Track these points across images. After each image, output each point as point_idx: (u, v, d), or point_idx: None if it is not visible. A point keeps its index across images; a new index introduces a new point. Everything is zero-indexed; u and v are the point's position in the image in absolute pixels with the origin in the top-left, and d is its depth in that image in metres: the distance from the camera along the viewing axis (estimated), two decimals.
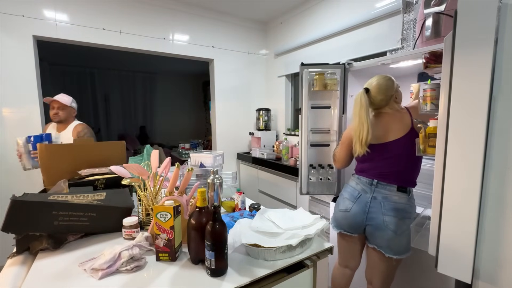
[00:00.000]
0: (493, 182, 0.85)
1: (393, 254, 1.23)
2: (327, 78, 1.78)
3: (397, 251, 1.23)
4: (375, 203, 1.27)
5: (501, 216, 0.84)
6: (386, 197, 1.26)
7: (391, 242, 1.23)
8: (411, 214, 1.26)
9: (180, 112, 6.21)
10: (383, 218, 1.24)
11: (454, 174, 0.90)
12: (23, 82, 2.17)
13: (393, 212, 1.23)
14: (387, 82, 1.31)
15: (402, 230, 1.22)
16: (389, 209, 1.24)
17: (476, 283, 0.91)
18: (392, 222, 1.22)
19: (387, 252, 1.24)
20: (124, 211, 1.06)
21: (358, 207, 1.31)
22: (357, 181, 1.37)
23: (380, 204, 1.26)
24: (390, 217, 1.23)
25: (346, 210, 1.35)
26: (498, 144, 0.83)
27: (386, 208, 1.24)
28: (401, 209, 1.23)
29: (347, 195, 1.38)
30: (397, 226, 1.21)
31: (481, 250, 0.89)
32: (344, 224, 1.37)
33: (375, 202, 1.27)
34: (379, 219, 1.25)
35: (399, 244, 1.23)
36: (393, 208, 1.24)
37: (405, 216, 1.23)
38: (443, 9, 1.33)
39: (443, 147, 0.93)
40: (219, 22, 3.12)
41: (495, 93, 0.82)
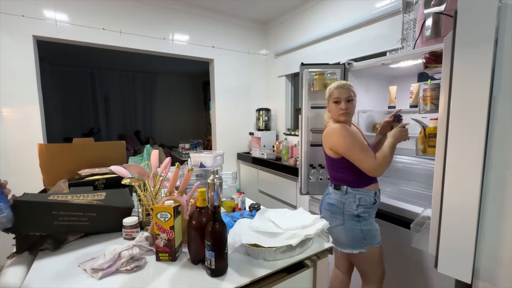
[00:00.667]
0: (493, 182, 0.85)
1: (338, 247, 1.36)
2: (327, 78, 1.78)
3: (340, 244, 1.36)
4: (324, 199, 1.46)
5: (501, 216, 0.84)
6: (327, 194, 1.44)
7: (331, 234, 1.39)
8: (343, 210, 1.33)
9: (180, 112, 6.21)
10: (322, 212, 1.43)
11: (454, 174, 0.90)
12: (23, 82, 2.17)
13: (327, 205, 1.40)
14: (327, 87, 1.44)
15: (335, 224, 1.34)
16: (325, 203, 1.42)
17: (476, 283, 0.91)
18: (326, 215, 1.38)
19: (334, 244, 1.36)
20: (124, 211, 1.06)
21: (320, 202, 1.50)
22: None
23: (322, 200, 1.47)
24: (325, 211, 1.40)
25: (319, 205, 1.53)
26: (498, 144, 0.83)
27: (324, 203, 1.43)
28: (332, 204, 1.37)
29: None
30: (330, 219, 1.33)
31: (481, 250, 0.89)
32: None
33: (325, 197, 1.45)
34: (322, 212, 1.42)
35: (338, 237, 1.35)
36: (327, 202, 1.40)
37: (336, 211, 1.35)
38: (443, 9, 1.33)
39: (443, 147, 0.93)
40: (219, 22, 3.12)
41: (495, 93, 0.82)
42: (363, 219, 1.30)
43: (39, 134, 2.26)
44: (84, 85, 5.10)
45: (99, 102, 5.28)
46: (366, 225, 1.30)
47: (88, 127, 5.25)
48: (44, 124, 2.33)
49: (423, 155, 1.29)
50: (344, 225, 1.31)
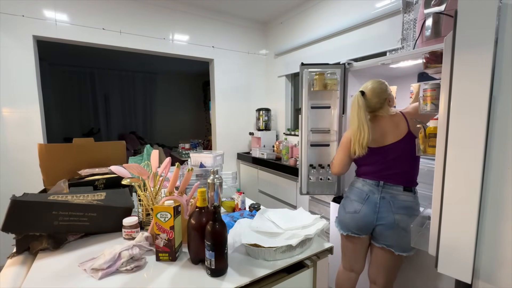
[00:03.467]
0: (493, 182, 0.85)
1: (402, 252, 1.27)
2: (327, 78, 1.78)
3: (405, 248, 1.27)
4: (384, 203, 1.29)
5: (501, 216, 0.84)
6: (394, 196, 1.29)
7: (400, 240, 1.26)
8: (418, 211, 1.30)
9: (180, 112, 6.21)
10: (393, 216, 1.26)
11: (454, 174, 0.90)
12: (23, 82, 2.17)
13: (403, 210, 1.27)
14: (381, 86, 1.36)
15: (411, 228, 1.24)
16: (398, 207, 1.27)
17: (476, 283, 0.91)
18: (403, 220, 1.25)
19: (396, 250, 1.27)
20: (124, 211, 1.06)
21: (367, 208, 1.32)
22: (363, 183, 1.38)
23: (390, 203, 1.28)
24: (401, 215, 1.26)
25: (355, 211, 1.35)
26: (498, 144, 0.83)
27: (396, 207, 1.27)
28: (410, 207, 1.27)
29: (354, 197, 1.38)
30: (407, 223, 1.24)
31: (481, 250, 0.89)
32: (352, 225, 1.37)
33: (384, 201, 1.30)
34: (390, 218, 1.27)
35: (407, 242, 1.24)
36: (402, 206, 1.27)
37: (414, 213, 1.27)
38: (443, 9, 1.33)
39: (443, 147, 0.93)
40: (219, 22, 3.12)
41: (495, 93, 0.82)
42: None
43: (39, 134, 2.26)
44: (84, 85, 5.10)
45: (99, 102, 5.28)
46: None
47: (88, 127, 5.25)
48: (44, 124, 2.33)
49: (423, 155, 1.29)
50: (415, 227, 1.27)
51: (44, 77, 2.55)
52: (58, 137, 4.70)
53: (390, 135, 1.32)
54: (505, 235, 0.84)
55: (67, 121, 5.02)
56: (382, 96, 1.35)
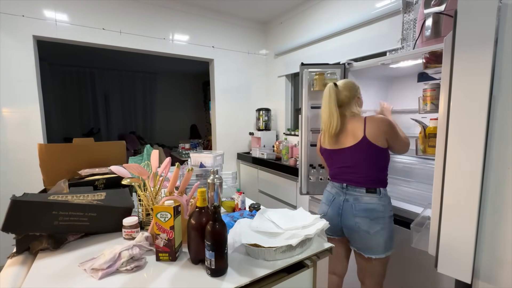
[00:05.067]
0: (493, 182, 0.85)
1: (372, 254, 1.26)
2: (327, 78, 1.78)
3: (374, 251, 1.26)
4: (347, 205, 1.30)
5: (501, 216, 0.84)
6: (357, 199, 1.28)
7: (367, 242, 1.26)
8: (384, 213, 1.26)
9: (180, 112, 6.21)
10: (354, 219, 1.27)
11: (454, 174, 0.90)
12: (23, 82, 2.17)
13: (364, 212, 1.25)
14: (353, 83, 1.39)
15: (376, 230, 1.24)
16: (359, 210, 1.26)
17: (476, 283, 0.91)
18: (363, 222, 1.24)
19: (365, 253, 1.27)
20: (124, 211, 1.06)
21: (332, 210, 1.35)
22: (331, 186, 1.42)
23: (352, 206, 1.28)
24: (361, 218, 1.25)
25: (323, 213, 1.39)
26: (498, 144, 0.83)
27: (356, 210, 1.27)
28: (372, 209, 1.25)
29: (324, 200, 1.43)
30: (369, 226, 1.24)
31: (481, 250, 0.89)
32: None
33: (347, 204, 1.30)
34: (351, 220, 1.28)
35: (375, 244, 1.25)
36: (363, 209, 1.26)
37: (377, 216, 1.25)
38: (443, 9, 1.33)
39: (443, 147, 0.93)
40: (219, 22, 3.12)
41: (495, 93, 0.82)
42: (392, 219, 1.29)
43: (39, 134, 2.26)
44: (84, 85, 5.10)
45: (99, 102, 5.28)
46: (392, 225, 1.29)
47: (88, 127, 5.24)
48: (44, 124, 2.33)
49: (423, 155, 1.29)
50: (384, 229, 1.25)
51: (44, 77, 2.55)
52: (58, 137, 4.70)
53: (349, 138, 1.31)
54: (505, 235, 0.84)
55: (67, 121, 5.02)
56: (353, 92, 1.36)
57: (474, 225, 0.87)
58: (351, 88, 1.36)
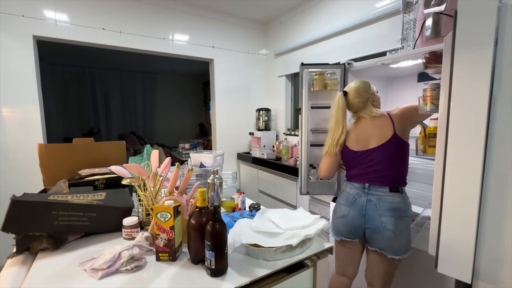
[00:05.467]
0: (493, 182, 0.85)
1: (395, 255, 1.24)
2: (327, 78, 1.78)
3: (398, 251, 1.24)
4: (370, 205, 1.28)
5: (501, 216, 0.84)
6: (380, 198, 1.27)
7: (391, 242, 1.23)
8: (407, 212, 1.26)
9: (180, 112, 6.21)
10: (380, 219, 1.25)
11: (454, 174, 0.90)
12: (23, 82, 2.17)
13: (389, 212, 1.24)
14: (364, 85, 1.37)
15: (401, 230, 1.22)
16: (384, 209, 1.25)
17: (476, 283, 0.91)
18: (390, 222, 1.23)
19: (388, 253, 1.24)
20: (124, 211, 1.06)
21: (354, 211, 1.32)
22: (350, 187, 1.39)
23: (376, 205, 1.27)
24: (387, 217, 1.23)
25: (343, 215, 1.35)
26: (498, 144, 0.83)
27: (382, 209, 1.25)
28: (397, 208, 1.24)
29: (343, 201, 1.39)
30: (395, 225, 1.22)
31: (481, 250, 0.89)
32: (343, 230, 1.37)
33: (370, 204, 1.28)
34: (377, 220, 1.25)
35: (399, 244, 1.23)
36: (388, 208, 1.24)
37: (402, 214, 1.24)
38: (443, 9, 1.33)
39: (443, 147, 0.93)
40: (219, 22, 3.12)
41: (495, 93, 0.82)
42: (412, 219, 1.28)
43: (39, 134, 2.26)
44: (84, 85, 5.10)
45: (99, 102, 5.28)
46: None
47: (88, 127, 5.24)
48: (44, 124, 2.33)
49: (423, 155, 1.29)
50: (408, 229, 1.24)
51: (44, 77, 2.55)
52: (58, 137, 4.70)
53: (374, 138, 1.30)
54: (505, 235, 0.84)
55: (67, 121, 5.02)
56: (365, 96, 1.35)
57: (474, 225, 0.87)
58: (362, 92, 1.35)
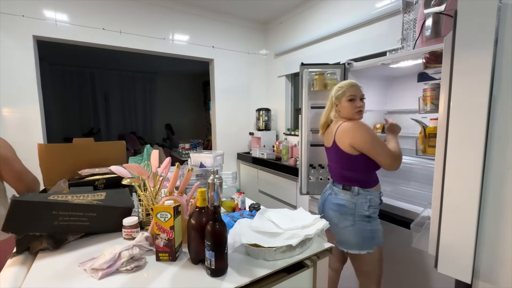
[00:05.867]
0: (493, 182, 0.85)
1: (345, 248, 1.33)
2: (327, 78, 1.78)
3: (347, 245, 1.32)
4: (328, 199, 1.42)
5: (501, 216, 0.84)
6: (335, 194, 1.39)
7: (339, 235, 1.35)
8: (354, 210, 1.30)
9: (180, 112, 6.21)
10: (328, 212, 1.39)
11: (454, 174, 0.90)
12: (23, 82, 2.17)
13: (335, 206, 1.35)
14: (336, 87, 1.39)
15: (345, 225, 1.31)
16: (332, 203, 1.37)
17: (476, 283, 0.91)
18: (334, 215, 1.34)
19: (341, 246, 1.35)
20: (124, 211, 1.06)
21: (320, 201, 1.49)
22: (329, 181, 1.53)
23: (330, 200, 1.40)
24: (332, 211, 1.36)
25: (318, 206, 1.53)
26: (498, 144, 0.83)
27: (331, 203, 1.38)
28: (342, 205, 1.33)
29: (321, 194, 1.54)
30: (338, 220, 1.32)
31: (481, 250, 0.89)
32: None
33: (329, 197, 1.41)
34: (326, 212, 1.39)
35: (346, 238, 1.32)
36: (335, 203, 1.36)
37: (346, 211, 1.31)
38: (443, 9, 1.33)
39: (443, 147, 0.93)
40: (219, 22, 3.12)
41: (495, 93, 0.82)
42: (373, 219, 1.31)
43: (39, 134, 2.25)
44: (84, 85, 5.10)
45: (99, 102, 5.28)
46: (375, 225, 1.31)
47: (88, 127, 5.24)
48: (44, 124, 2.33)
49: (423, 155, 1.29)
50: (354, 226, 1.29)
51: (44, 77, 2.55)
52: (58, 137, 4.70)
53: (329, 139, 1.41)
54: (505, 235, 0.84)
55: (67, 121, 5.02)
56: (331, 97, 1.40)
57: (474, 225, 0.87)
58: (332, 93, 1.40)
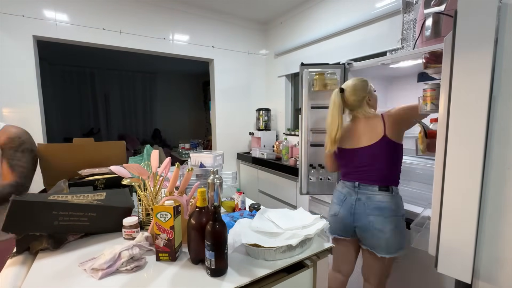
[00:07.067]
0: (493, 182, 0.85)
1: (385, 254, 1.24)
2: (327, 78, 1.78)
3: (388, 250, 1.24)
4: (359, 204, 1.30)
5: (501, 216, 0.84)
6: (369, 197, 1.28)
7: (380, 241, 1.24)
8: (397, 211, 1.26)
9: (180, 112, 6.21)
10: (367, 218, 1.26)
11: (454, 174, 0.90)
12: (23, 82, 2.17)
13: (377, 211, 1.25)
14: (362, 83, 1.36)
15: (389, 229, 1.23)
16: (372, 208, 1.26)
17: (476, 283, 0.91)
18: (377, 221, 1.24)
19: (378, 252, 1.25)
20: (124, 211, 1.06)
21: (344, 209, 1.34)
22: (342, 185, 1.41)
23: (364, 204, 1.28)
24: (374, 217, 1.25)
25: (335, 214, 1.38)
26: (498, 144, 0.83)
27: (369, 208, 1.27)
28: (384, 208, 1.24)
29: (335, 200, 1.42)
30: (383, 224, 1.23)
31: (481, 250, 0.89)
32: (336, 228, 1.39)
33: (359, 203, 1.30)
34: (365, 219, 1.27)
35: (389, 243, 1.24)
36: (376, 207, 1.25)
37: (390, 214, 1.24)
38: (443, 9, 1.33)
39: (443, 147, 0.93)
40: (219, 22, 3.12)
41: (495, 93, 0.82)
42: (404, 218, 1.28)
43: (39, 134, 2.25)
44: (84, 85, 5.10)
45: (99, 102, 5.28)
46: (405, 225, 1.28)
47: (88, 127, 5.24)
48: (44, 124, 2.33)
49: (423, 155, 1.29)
50: (398, 228, 1.24)
51: (44, 77, 2.55)
52: (58, 137, 4.70)
53: (365, 137, 1.32)
54: (505, 235, 0.84)
55: (67, 121, 5.02)
56: (361, 94, 1.35)
57: (474, 225, 0.87)
58: (358, 91, 1.35)
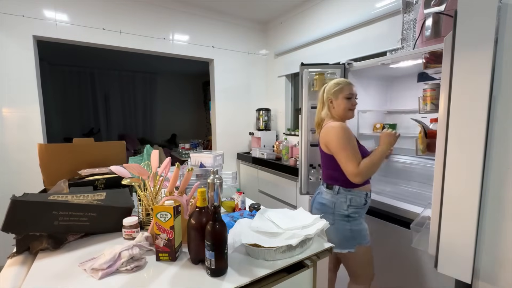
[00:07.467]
0: (493, 182, 0.85)
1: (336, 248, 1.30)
2: (327, 78, 1.78)
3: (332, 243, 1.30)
4: (315, 198, 1.45)
5: (501, 216, 0.84)
6: (320, 193, 1.42)
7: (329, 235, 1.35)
8: (334, 210, 1.32)
9: (180, 112, 6.21)
10: (314, 211, 1.40)
11: (454, 174, 0.90)
12: (23, 82, 2.17)
13: (318, 205, 1.39)
14: (330, 85, 1.39)
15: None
16: (317, 202, 1.41)
17: (476, 283, 0.91)
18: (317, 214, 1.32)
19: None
20: (124, 211, 1.06)
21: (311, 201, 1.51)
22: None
23: (314, 199, 1.45)
24: (316, 210, 1.39)
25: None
26: (498, 144, 0.83)
27: (316, 202, 1.42)
28: (323, 204, 1.36)
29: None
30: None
31: (481, 250, 0.89)
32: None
33: (316, 197, 1.45)
34: (313, 212, 1.39)
35: (330, 237, 1.33)
36: (319, 202, 1.39)
37: (327, 211, 1.33)
38: (443, 9, 1.33)
39: (443, 147, 0.93)
40: (219, 22, 3.12)
41: (495, 93, 0.82)
42: (353, 219, 1.31)
43: (39, 134, 2.26)
44: (84, 85, 5.10)
45: (99, 102, 5.28)
46: (356, 225, 1.31)
47: (88, 127, 5.25)
48: (44, 124, 2.33)
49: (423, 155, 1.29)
50: (334, 225, 1.31)
51: (44, 77, 2.55)
52: (58, 137, 4.70)
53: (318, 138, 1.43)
54: (505, 235, 0.84)
55: (67, 121, 5.02)
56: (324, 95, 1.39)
57: (474, 225, 0.87)
58: (325, 90, 1.39)
